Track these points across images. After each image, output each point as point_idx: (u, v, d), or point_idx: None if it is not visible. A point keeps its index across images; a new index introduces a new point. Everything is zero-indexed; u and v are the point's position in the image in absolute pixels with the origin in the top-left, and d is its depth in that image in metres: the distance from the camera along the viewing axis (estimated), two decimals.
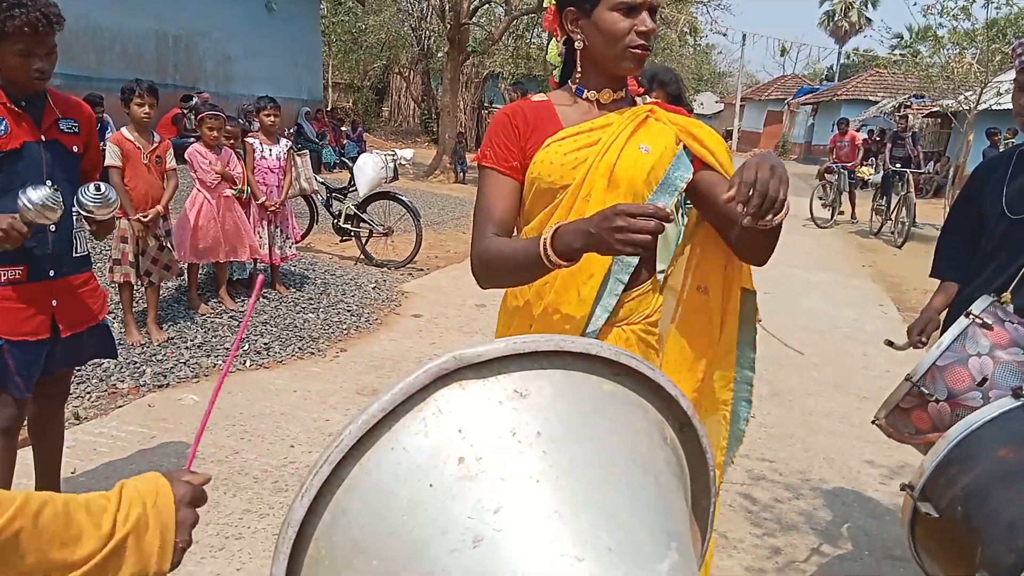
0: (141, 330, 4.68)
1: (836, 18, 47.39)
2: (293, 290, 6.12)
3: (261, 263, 5.92)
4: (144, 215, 4.51)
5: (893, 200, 11.93)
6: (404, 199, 7.41)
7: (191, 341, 4.74)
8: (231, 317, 5.27)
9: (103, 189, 2.46)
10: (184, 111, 11.34)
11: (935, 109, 19.49)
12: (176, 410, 3.86)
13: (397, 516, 0.77)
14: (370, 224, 7.48)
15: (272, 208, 5.80)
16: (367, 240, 7.55)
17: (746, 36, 34.63)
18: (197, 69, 13.58)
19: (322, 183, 7.63)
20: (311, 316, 5.54)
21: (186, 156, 5.27)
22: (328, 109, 19.10)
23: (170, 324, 4.96)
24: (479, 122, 24.40)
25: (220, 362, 4.51)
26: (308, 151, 7.41)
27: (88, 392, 3.90)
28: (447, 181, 15.26)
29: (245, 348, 4.76)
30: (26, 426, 2.67)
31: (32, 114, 2.37)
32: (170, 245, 4.81)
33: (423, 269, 7.56)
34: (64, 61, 2.38)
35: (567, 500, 0.79)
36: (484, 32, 18.69)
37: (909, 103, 21.25)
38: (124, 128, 4.55)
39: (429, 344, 5.26)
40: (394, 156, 7.95)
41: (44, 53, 2.28)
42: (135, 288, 4.72)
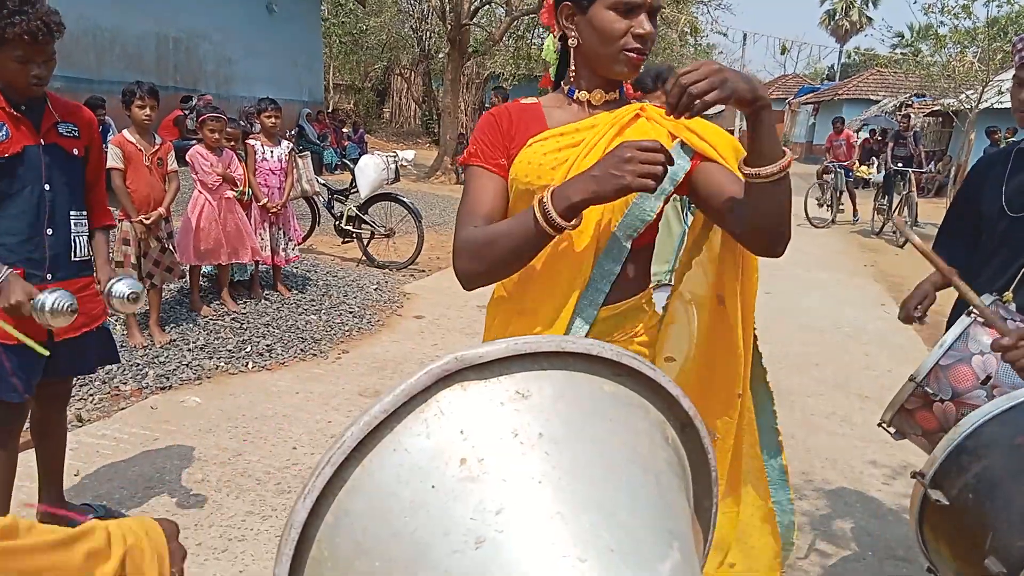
0: (143, 332, 4.69)
1: (837, 17, 47.39)
2: (295, 292, 6.12)
3: (263, 265, 5.93)
4: (146, 217, 4.52)
5: (895, 199, 11.92)
6: (406, 200, 7.41)
7: (193, 343, 4.75)
8: (233, 319, 5.28)
9: (138, 297, 2.49)
10: (185, 112, 11.35)
11: (936, 108, 19.49)
12: (178, 412, 3.86)
13: (399, 517, 0.77)
14: (372, 225, 7.49)
15: (274, 210, 5.81)
16: (369, 241, 7.56)
17: (747, 36, 34.71)
18: (198, 71, 13.60)
19: (323, 185, 7.63)
20: (313, 318, 5.54)
21: (187, 158, 5.27)
22: (329, 110, 19.12)
23: (172, 326, 4.97)
24: None
25: (223, 364, 4.51)
26: (309, 153, 7.42)
27: (91, 394, 3.90)
28: (448, 182, 15.27)
29: (247, 350, 4.77)
30: (28, 428, 2.67)
31: (31, 118, 2.37)
32: (172, 247, 4.82)
33: (425, 270, 7.57)
34: (64, 63, 2.39)
35: (569, 501, 0.79)
36: (485, 33, 18.70)
37: (910, 102, 21.24)
38: (126, 130, 4.56)
39: (431, 345, 5.26)
40: (395, 157, 7.95)
41: (43, 60, 2.29)
42: None
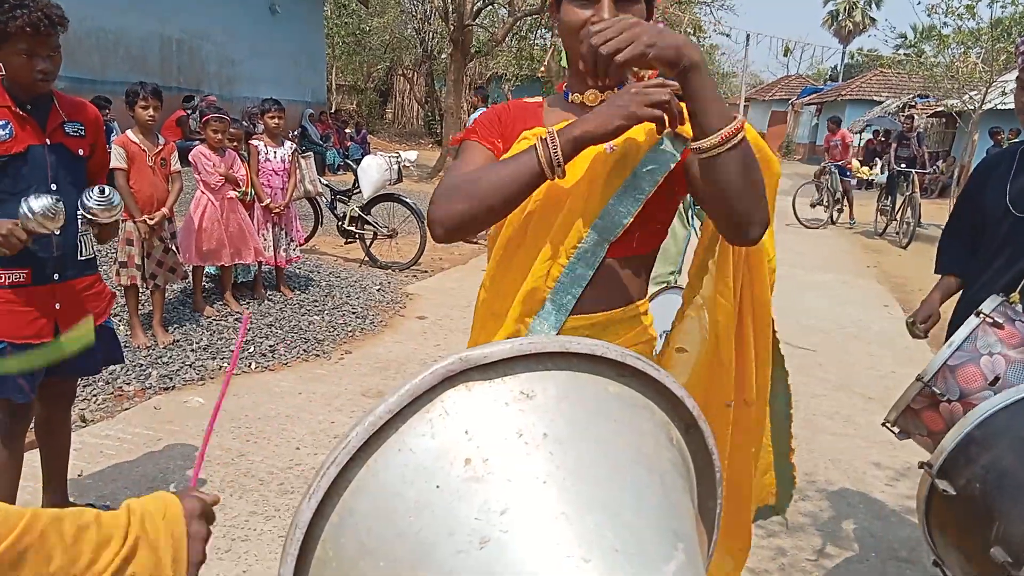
0: (147, 333, 4.70)
1: (840, 18, 47.33)
2: (298, 292, 6.13)
3: (266, 265, 5.94)
4: (150, 217, 4.52)
5: (898, 200, 11.90)
6: (408, 201, 7.42)
7: (197, 343, 4.75)
8: (236, 319, 5.28)
9: (107, 192, 2.46)
10: (188, 112, 11.37)
11: (940, 109, 19.44)
12: (182, 412, 3.87)
13: (404, 517, 0.77)
14: (374, 226, 7.49)
15: (277, 210, 5.82)
16: (371, 242, 7.56)
17: (750, 36, 34.76)
18: (201, 71, 13.62)
19: (326, 185, 7.64)
20: (316, 318, 5.55)
21: (190, 158, 5.28)
22: (332, 111, 19.13)
23: (176, 327, 4.98)
24: None
25: (225, 364, 4.51)
26: (312, 153, 7.43)
27: (94, 395, 3.91)
28: None
29: (250, 351, 4.77)
30: (33, 428, 2.68)
31: (37, 117, 2.38)
32: (175, 248, 4.83)
33: (427, 271, 7.57)
34: (68, 64, 2.39)
35: (573, 501, 0.79)
36: (487, 34, 18.72)
37: (914, 103, 21.20)
38: (129, 131, 4.56)
39: (434, 346, 5.26)
40: (398, 158, 7.96)
41: (47, 54, 2.28)
42: (140, 291, 4.73)
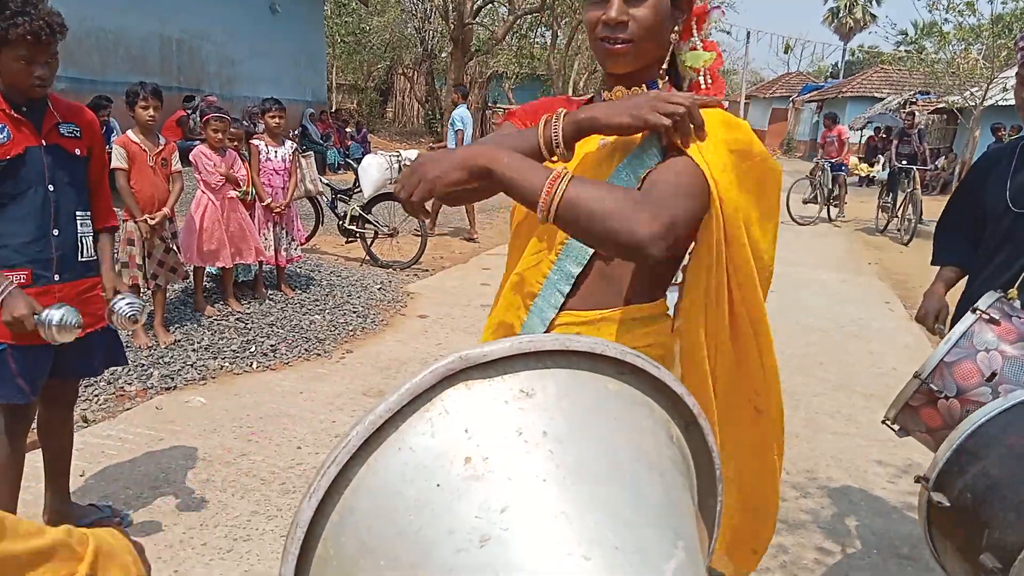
0: (148, 333, 4.70)
1: (840, 15, 47.27)
2: (299, 292, 6.13)
3: (267, 265, 5.94)
4: (151, 217, 4.53)
5: (899, 197, 11.89)
6: None
7: (198, 343, 4.76)
8: (237, 319, 5.29)
9: (137, 318, 2.46)
10: (188, 112, 11.37)
11: (941, 105, 19.44)
12: (183, 412, 3.87)
13: (404, 516, 0.77)
14: (375, 225, 7.50)
15: (277, 210, 5.82)
16: (372, 241, 7.57)
17: (750, 33, 34.72)
18: (201, 71, 13.63)
19: (327, 184, 7.64)
20: (317, 318, 5.55)
21: (191, 158, 5.28)
22: (332, 110, 19.13)
23: (177, 326, 4.98)
24: (483, 122, 24.42)
25: (227, 364, 4.52)
26: (312, 152, 7.43)
27: (96, 395, 3.91)
28: None
29: (252, 350, 4.78)
30: (35, 429, 2.68)
31: (32, 119, 2.38)
32: (176, 248, 4.83)
33: (428, 270, 7.57)
34: (68, 64, 2.40)
35: (573, 499, 0.79)
36: (488, 32, 18.72)
37: (915, 99, 21.19)
38: (130, 131, 4.57)
39: (435, 345, 5.26)
40: (399, 157, 7.96)
41: (45, 61, 2.29)
42: (142, 291, 4.74)
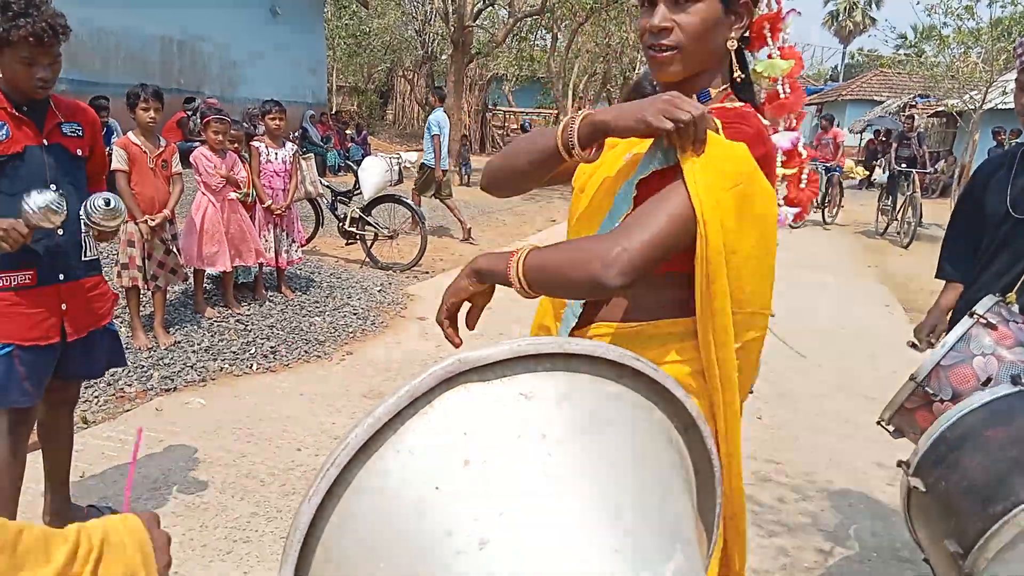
0: (148, 334, 4.70)
1: (840, 18, 47.23)
2: (299, 293, 6.13)
3: (267, 266, 5.94)
4: (151, 218, 4.53)
5: (899, 200, 11.89)
6: (409, 202, 7.42)
7: (198, 345, 4.76)
8: (237, 321, 5.28)
9: (112, 203, 2.45)
10: (188, 114, 11.38)
11: (940, 109, 19.41)
12: (183, 414, 3.87)
13: (403, 518, 0.77)
14: (375, 227, 7.50)
15: (278, 212, 5.82)
16: (372, 243, 7.57)
17: None
18: (202, 73, 13.63)
19: (327, 186, 7.64)
20: (317, 319, 5.55)
21: (191, 160, 5.29)
22: (332, 112, 19.14)
23: (177, 328, 4.98)
24: (483, 124, 24.44)
25: (227, 365, 4.52)
26: (313, 154, 7.44)
27: (96, 396, 3.91)
28: (452, 184, 15.26)
29: (251, 352, 4.78)
30: (36, 430, 2.68)
31: (34, 118, 2.38)
32: (176, 249, 4.83)
33: (428, 272, 7.57)
34: (69, 66, 2.40)
35: (572, 502, 0.79)
36: (488, 35, 18.73)
37: (914, 103, 21.18)
38: (130, 132, 4.57)
39: (435, 347, 5.26)
40: (399, 159, 7.98)
41: (48, 63, 2.29)
42: (142, 292, 4.74)
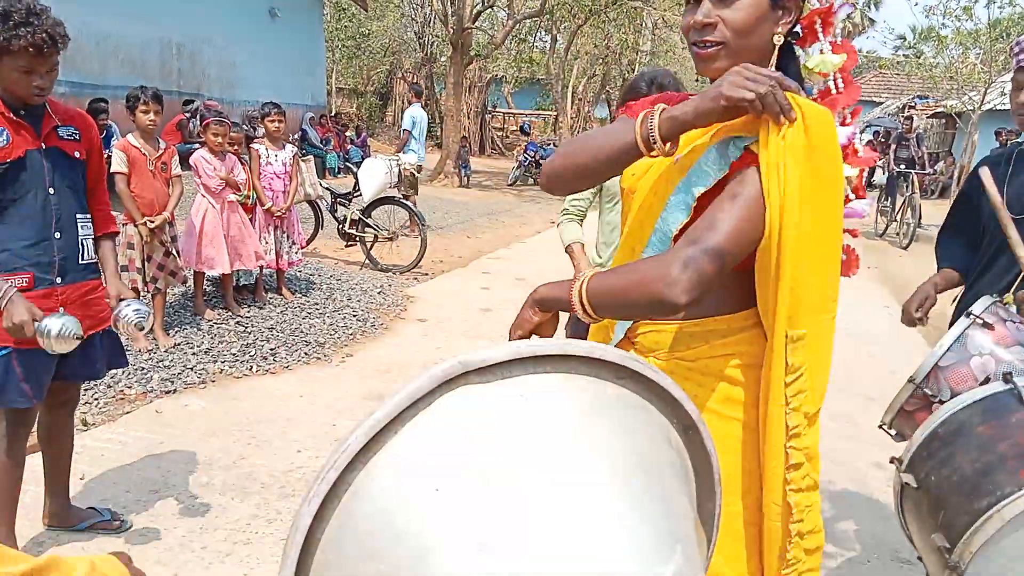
0: (148, 336, 4.70)
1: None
2: (299, 295, 6.13)
3: (267, 268, 5.94)
4: (150, 220, 4.53)
5: (898, 201, 11.90)
6: (408, 204, 7.43)
7: (198, 347, 4.75)
8: (237, 323, 5.28)
9: (143, 326, 2.43)
10: (187, 116, 11.38)
11: (939, 109, 19.45)
12: (183, 416, 3.87)
13: (403, 521, 0.77)
14: (375, 229, 7.50)
15: (278, 214, 5.82)
16: (372, 245, 7.57)
17: None
18: (201, 76, 13.62)
19: (327, 188, 7.65)
20: (317, 321, 5.55)
21: (191, 162, 5.29)
22: (332, 114, 19.15)
23: (177, 330, 4.98)
24: (482, 126, 24.45)
25: (227, 367, 4.52)
26: (312, 157, 7.44)
27: (96, 398, 3.91)
28: (451, 185, 15.28)
29: (251, 354, 4.78)
30: (35, 432, 2.68)
31: (31, 122, 2.38)
32: (176, 252, 4.83)
33: (428, 274, 7.57)
34: (68, 69, 2.41)
35: (572, 503, 0.79)
36: (487, 36, 18.73)
37: (913, 104, 21.22)
38: (130, 135, 4.57)
39: (435, 348, 5.26)
40: (398, 161, 7.98)
41: (45, 71, 2.30)
42: (141, 294, 4.74)
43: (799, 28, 1.41)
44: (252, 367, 4.60)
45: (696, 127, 1.27)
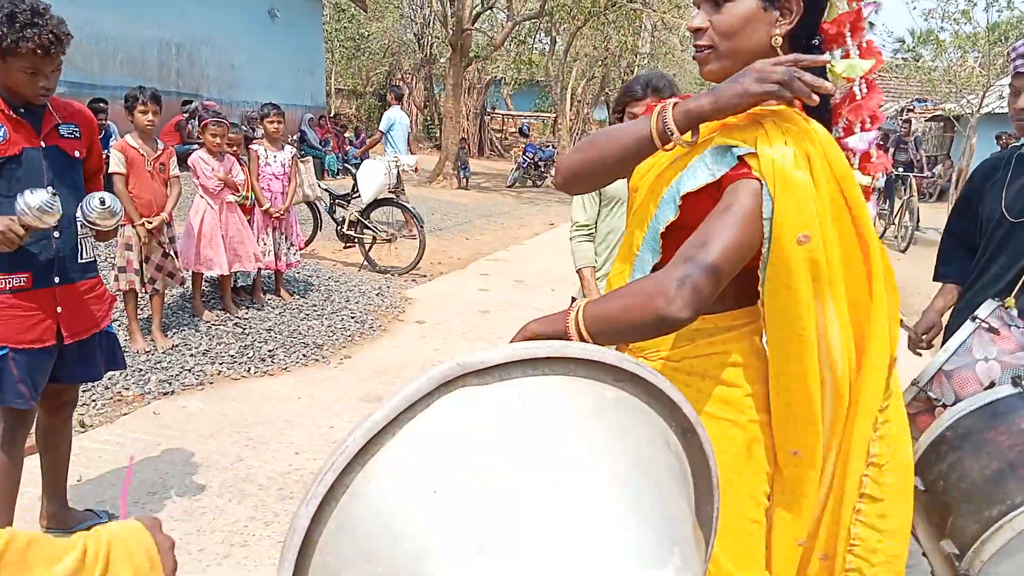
0: (146, 337, 4.69)
1: None
2: (297, 297, 6.13)
3: (265, 270, 5.94)
4: (148, 220, 4.52)
5: (896, 204, 11.92)
6: (407, 205, 7.43)
7: (196, 348, 4.75)
8: (235, 324, 5.28)
9: (107, 202, 2.45)
10: (186, 116, 11.38)
11: (938, 113, 19.48)
12: (181, 417, 3.86)
13: (401, 523, 0.77)
14: (373, 230, 7.50)
15: (276, 215, 5.82)
16: (370, 246, 7.57)
17: None
18: (200, 76, 13.62)
19: (325, 190, 7.65)
20: (315, 323, 5.55)
21: (189, 163, 5.29)
22: (331, 115, 19.16)
23: (175, 331, 4.97)
24: (482, 127, 24.46)
25: (225, 369, 4.52)
26: (311, 158, 7.43)
27: (94, 400, 3.90)
28: (450, 187, 15.28)
29: (249, 355, 4.77)
30: (33, 434, 2.68)
31: (31, 120, 2.38)
32: (174, 253, 4.83)
33: (426, 275, 7.57)
34: (67, 68, 2.40)
35: (570, 505, 0.79)
36: (486, 38, 18.76)
37: (912, 107, 21.23)
38: (128, 135, 4.57)
39: (433, 350, 5.26)
40: (396, 162, 7.97)
41: (50, 71, 2.31)
42: (139, 296, 4.73)
43: (824, 32, 1.39)
44: (250, 368, 4.59)
45: (713, 120, 1.30)
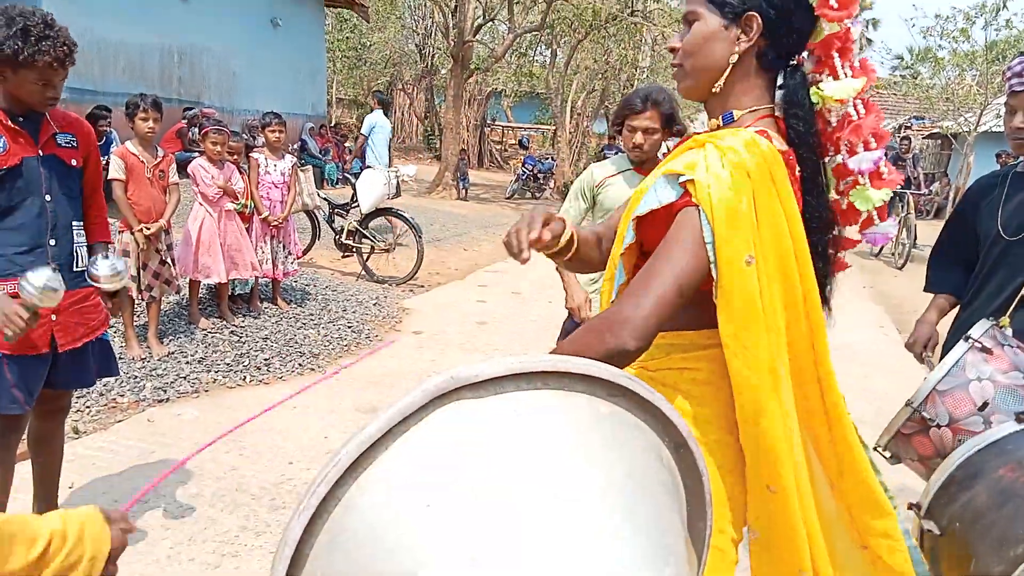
0: (142, 344, 4.69)
1: None
2: (294, 306, 6.12)
3: (263, 278, 5.94)
4: (147, 227, 4.52)
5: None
6: (406, 215, 7.43)
7: (191, 356, 4.74)
8: (231, 332, 5.27)
9: (119, 268, 2.44)
10: (186, 123, 11.39)
11: (935, 130, 19.58)
12: (175, 425, 3.85)
13: (394, 536, 0.77)
14: (371, 240, 7.50)
15: (275, 223, 5.82)
16: (368, 256, 7.57)
17: None
18: (201, 83, 13.65)
19: (324, 199, 7.65)
20: (311, 332, 5.54)
21: (189, 170, 5.29)
22: (332, 125, 19.19)
23: (171, 338, 4.96)
24: (482, 139, 24.51)
25: (220, 377, 4.51)
26: (311, 166, 7.44)
27: (88, 406, 3.89)
28: (449, 198, 15.30)
29: (245, 364, 4.76)
30: (25, 440, 2.67)
31: (29, 129, 2.39)
32: (171, 260, 4.83)
33: (424, 286, 7.57)
34: (69, 75, 2.42)
35: (564, 518, 0.79)
36: (487, 50, 18.83)
37: (909, 124, 21.32)
38: (128, 142, 4.58)
39: (429, 361, 5.25)
40: (397, 172, 7.99)
41: (60, 81, 2.34)
42: (136, 302, 4.72)
43: (806, 52, 1.40)
44: (245, 377, 4.58)
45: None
